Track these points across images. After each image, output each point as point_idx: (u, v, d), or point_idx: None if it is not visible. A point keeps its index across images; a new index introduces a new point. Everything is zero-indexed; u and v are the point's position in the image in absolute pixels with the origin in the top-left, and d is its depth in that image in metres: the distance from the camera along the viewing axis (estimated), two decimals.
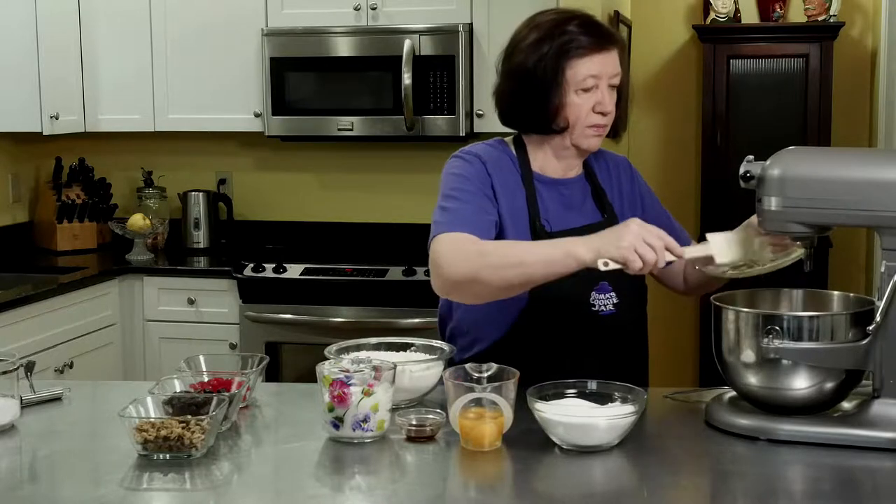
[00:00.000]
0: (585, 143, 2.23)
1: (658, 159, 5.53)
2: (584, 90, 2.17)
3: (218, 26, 4.50)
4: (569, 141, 2.23)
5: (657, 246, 1.94)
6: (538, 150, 2.28)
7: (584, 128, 2.20)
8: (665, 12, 5.46)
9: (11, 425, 2.04)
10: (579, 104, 2.18)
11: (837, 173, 1.91)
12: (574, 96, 2.17)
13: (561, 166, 2.29)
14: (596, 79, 2.17)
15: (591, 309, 2.21)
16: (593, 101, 2.18)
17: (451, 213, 2.15)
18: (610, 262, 1.94)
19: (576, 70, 2.16)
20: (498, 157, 2.25)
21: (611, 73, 2.19)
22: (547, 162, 2.28)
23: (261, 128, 4.49)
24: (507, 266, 2.02)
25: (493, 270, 2.02)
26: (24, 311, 3.73)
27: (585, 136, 2.22)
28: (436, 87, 4.24)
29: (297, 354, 4.17)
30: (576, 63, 2.16)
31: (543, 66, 2.16)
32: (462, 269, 2.05)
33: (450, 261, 2.06)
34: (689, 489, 1.77)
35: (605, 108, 2.19)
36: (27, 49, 4.23)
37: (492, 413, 1.87)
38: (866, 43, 5.27)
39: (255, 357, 2.18)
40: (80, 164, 4.81)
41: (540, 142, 2.27)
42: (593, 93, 2.18)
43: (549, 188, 2.27)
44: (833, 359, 1.88)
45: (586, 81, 2.17)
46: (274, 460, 1.92)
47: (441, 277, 2.09)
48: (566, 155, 2.27)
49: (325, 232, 4.82)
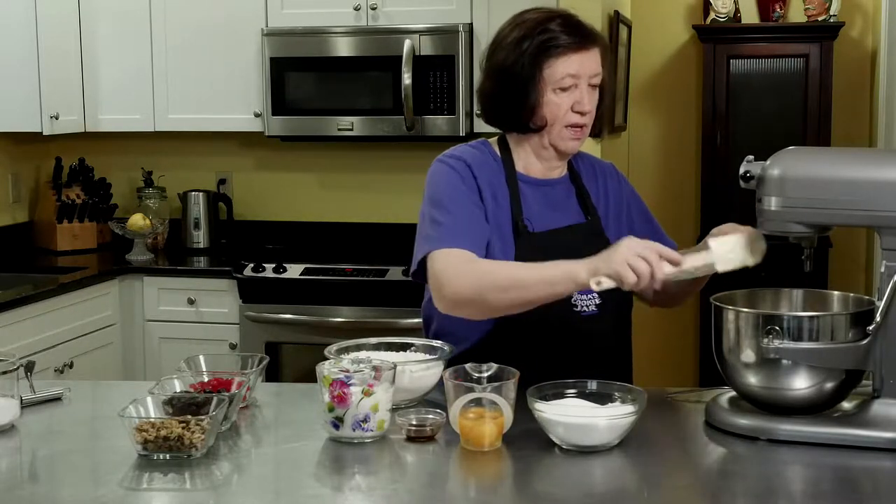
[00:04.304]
0: (563, 144, 2.23)
1: (658, 159, 5.53)
2: (563, 89, 2.17)
3: (218, 26, 4.50)
4: (547, 141, 2.23)
5: (651, 258, 1.92)
6: (520, 150, 2.28)
7: (562, 128, 2.20)
8: (665, 12, 5.46)
9: (11, 425, 2.04)
10: (557, 103, 2.18)
11: (837, 173, 1.91)
12: (552, 95, 2.17)
13: (543, 167, 2.29)
14: (574, 78, 2.17)
15: (572, 309, 2.21)
16: (572, 100, 2.18)
17: (443, 228, 2.15)
18: (603, 281, 1.92)
19: (553, 69, 2.16)
20: (482, 159, 2.25)
21: (591, 73, 2.19)
22: (529, 162, 2.28)
23: (261, 128, 4.49)
24: (509, 287, 2.04)
25: (497, 292, 2.05)
26: (24, 311, 3.73)
27: (563, 137, 2.21)
28: (436, 87, 4.24)
29: (297, 354, 4.17)
30: (554, 62, 2.16)
31: (522, 63, 2.17)
32: (466, 290, 2.07)
33: (452, 281, 2.08)
34: (689, 489, 1.77)
35: (583, 107, 2.19)
36: (27, 49, 4.23)
37: (492, 413, 1.87)
38: (866, 43, 5.27)
39: (255, 357, 2.18)
40: (80, 164, 4.81)
41: (520, 141, 2.27)
42: (571, 92, 2.18)
43: (533, 188, 2.26)
44: (833, 359, 1.88)
45: (564, 80, 2.17)
46: (274, 460, 1.92)
47: (445, 299, 2.11)
48: (546, 156, 2.27)
49: (325, 232, 4.82)
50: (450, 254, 2.12)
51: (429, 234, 2.17)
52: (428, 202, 2.22)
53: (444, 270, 2.10)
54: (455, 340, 2.24)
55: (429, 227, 2.18)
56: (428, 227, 2.18)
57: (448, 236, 2.14)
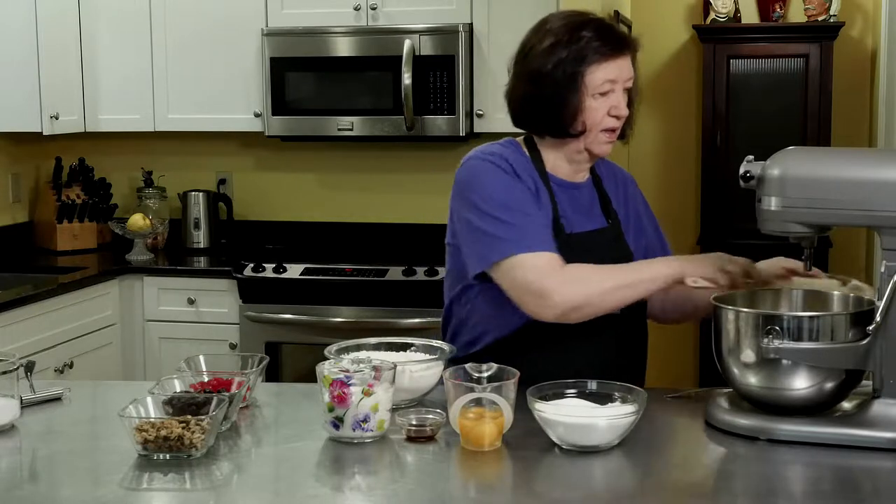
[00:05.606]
0: (598, 148, 2.25)
1: (658, 159, 5.53)
2: (601, 94, 2.20)
3: (218, 26, 4.50)
4: (583, 145, 2.25)
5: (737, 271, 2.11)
6: (550, 153, 2.29)
7: (599, 132, 2.22)
8: (665, 12, 5.46)
9: (11, 425, 2.04)
10: (596, 108, 2.20)
11: (837, 173, 1.91)
12: (591, 100, 2.19)
13: (571, 169, 2.30)
14: (612, 83, 2.20)
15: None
16: (609, 105, 2.21)
17: (517, 230, 2.14)
18: (699, 281, 2.11)
19: (594, 75, 2.18)
20: (518, 159, 2.26)
21: (626, 77, 2.22)
22: (558, 164, 2.29)
23: (261, 128, 4.49)
24: (615, 289, 2.10)
25: (605, 295, 2.10)
26: (24, 311, 3.73)
27: (599, 141, 2.24)
28: (436, 87, 4.24)
29: (297, 354, 4.17)
30: (594, 69, 2.18)
31: (561, 70, 2.18)
32: (576, 297, 2.09)
33: (560, 290, 2.09)
34: (689, 489, 1.77)
35: (620, 111, 2.22)
36: (27, 49, 4.23)
37: (492, 413, 1.87)
38: (866, 43, 5.27)
39: (255, 357, 2.18)
40: (80, 164, 4.81)
41: (553, 145, 2.28)
42: (608, 97, 2.20)
43: (563, 190, 2.28)
44: (833, 359, 1.88)
45: (603, 86, 2.19)
46: (274, 460, 1.92)
47: (555, 307, 2.10)
48: (579, 159, 2.28)
49: (325, 232, 4.82)
50: (539, 258, 2.12)
51: (499, 236, 2.15)
52: (481, 201, 2.19)
53: (545, 277, 2.09)
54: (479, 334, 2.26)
55: (494, 227, 2.16)
56: (492, 226, 2.16)
57: (527, 238, 2.14)
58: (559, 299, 2.08)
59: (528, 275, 2.11)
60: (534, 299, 2.11)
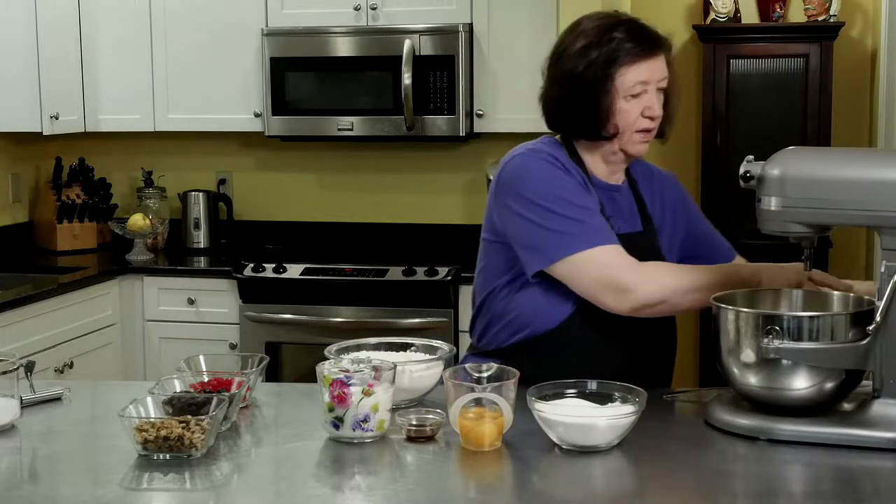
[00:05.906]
0: (633, 148, 2.25)
1: (658, 159, 5.50)
2: (633, 96, 2.19)
3: (218, 26, 4.50)
4: (617, 146, 2.25)
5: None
6: (587, 154, 2.29)
7: (633, 133, 2.22)
8: (665, 12, 5.45)
9: (11, 425, 2.04)
10: (628, 110, 2.19)
11: (837, 173, 1.91)
12: (623, 102, 2.19)
13: (608, 171, 2.30)
14: (644, 84, 2.19)
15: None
16: (641, 106, 2.20)
17: (579, 224, 2.14)
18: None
19: (625, 77, 2.18)
20: (563, 155, 2.26)
21: (659, 78, 2.21)
22: (596, 166, 2.29)
23: (261, 128, 4.49)
24: (694, 290, 2.12)
25: (683, 295, 2.13)
26: (24, 311, 3.73)
27: (633, 141, 2.23)
28: (436, 87, 4.24)
29: (297, 354, 4.17)
30: (625, 70, 2.18)
31: (592, 72, 2.18)
32: (656, 294, 2.11)
33: (640, 286, 2.10)
34: (689, 489, 1.77)
35: (653, 112, 2.21)
36: (27, 49, 4.23)
37: (492, 413, 1.87)
38: (866, 43, 5.27)
39: (255, 357, 2.18)
40: (80, 164, 4.81)
41: (589, 146, 2.28)
42: (641, 98, 2.20)
43: (602, 192, 2.28)
44: (833, 359, 1.88)
45: (635, 88, 2.19)
46: (274, 460, 1.92)
47: (635, 302, 2.11)
48: (614, 160, 2.28)
49: (325, 232, 4.82)
50: (609, 252, 2.13)
51: (560, 230, 2.14)
52: (535, 196, 2.18)
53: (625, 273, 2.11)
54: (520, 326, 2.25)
55: (554, 222, 2.15)
56: (552, 222, 2.15)
57: (591, 232, 2.14)
58: (640, 295, 2.10)
59: (602, 270, 2.12)
60: (613, 294, 2.11)
